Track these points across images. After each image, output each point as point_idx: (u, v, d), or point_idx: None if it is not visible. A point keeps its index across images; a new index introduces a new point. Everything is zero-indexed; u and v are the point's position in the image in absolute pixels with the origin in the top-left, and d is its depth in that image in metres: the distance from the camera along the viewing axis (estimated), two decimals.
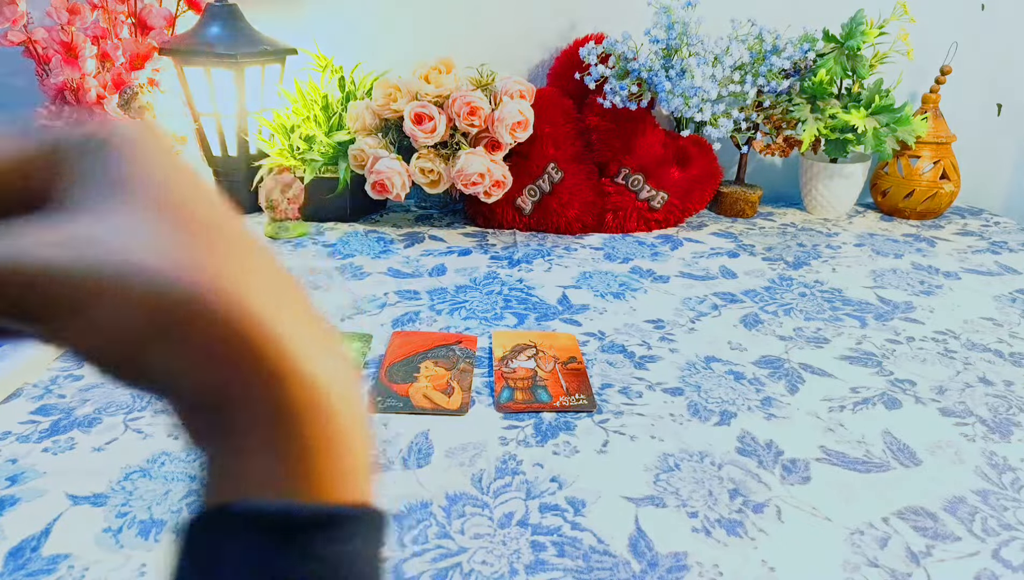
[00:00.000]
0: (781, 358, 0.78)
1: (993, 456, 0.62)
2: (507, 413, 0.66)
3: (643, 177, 1.17)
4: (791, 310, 0.90)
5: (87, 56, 1.05)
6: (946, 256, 1.12)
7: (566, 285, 0.95)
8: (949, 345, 0.82)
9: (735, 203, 1.28)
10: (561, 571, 0.48)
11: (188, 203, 0.19)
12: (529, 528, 0.52)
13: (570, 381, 0.71)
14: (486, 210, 1.15)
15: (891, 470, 0.60)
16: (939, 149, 1.26)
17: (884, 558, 0.50)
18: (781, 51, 1.13)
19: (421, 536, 0.51)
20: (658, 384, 0.71)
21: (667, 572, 0.48)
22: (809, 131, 1.13)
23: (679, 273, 1.01)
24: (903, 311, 0.91)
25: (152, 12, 1.11)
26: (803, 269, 1.04)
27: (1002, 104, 1.40)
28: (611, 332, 0.82)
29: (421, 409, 0.66)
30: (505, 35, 1.30)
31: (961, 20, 1.33)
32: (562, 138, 1.13)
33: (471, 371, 0.72)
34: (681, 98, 1.07)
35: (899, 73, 1.24)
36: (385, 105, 1.07)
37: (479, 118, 1.04)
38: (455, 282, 0.95)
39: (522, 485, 0.56)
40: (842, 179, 1.26)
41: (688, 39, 1.08)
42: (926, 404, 0.70)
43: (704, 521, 0.53)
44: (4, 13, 1.03)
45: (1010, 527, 0.53)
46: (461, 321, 0.84)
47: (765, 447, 0.62)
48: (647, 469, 0.59)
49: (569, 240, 1.13)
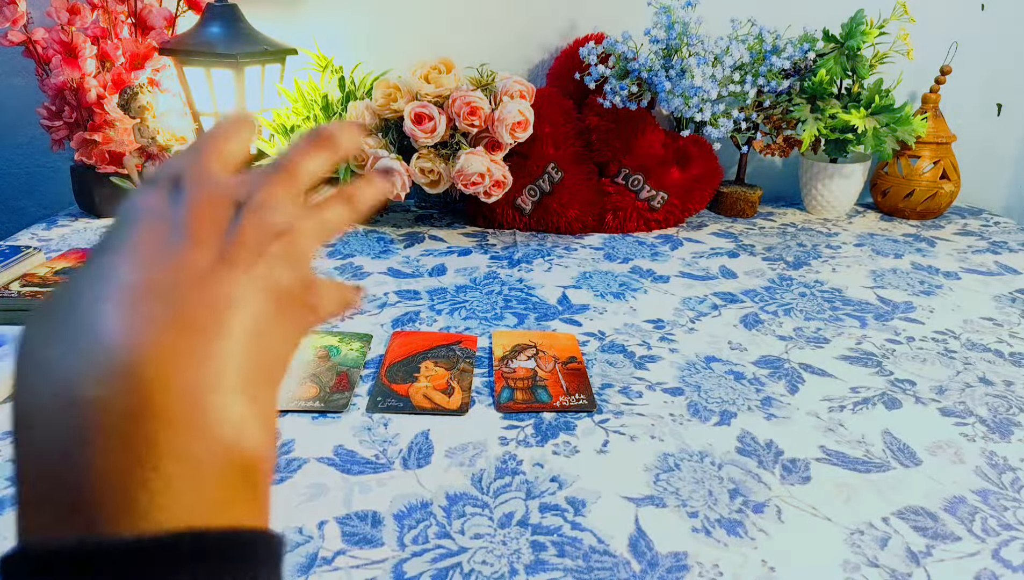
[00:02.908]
0: (781, 358, 0.78)
1: (993, 456, 0.62)
2: (507, 413, 0.66)
3: (643, 177, 1.17)
4: (791, 310, 0.90)
5: (87, 56, 1.05)
6: (946, 256, 1.12)
7: (566, 285, 0.95)
8: (949, 345, 0.82)
9: (735, 203, 1.28)
10: (561, 571, 0.48)
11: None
12: (529, 528, 0.52)
13: (570, 381, 0.71)
14: (486, 210, 1.15)
15: (891, 470, 0.60)
16: (939, 149, 1.26)
17: (884, 558, 0.50)
18: (781, 51, 1.13)
19: (421, 536, 0.51)
20: (658, 384, 0.72)
21: (667, 572, 0.48)
22: (809, 131, 1.13)
23: (679, 273, 1.01)
24: (903, 311, 0.91)
25: (152, 12, 1.11)
26: (803, 269, 1.04)
27: (1002, 104, 1.40)
28: (611, 332, 0.82)
29: (421, 409, 0.66)
30: (505, 35, 1.30)
31: (961, 20, 1.33)
32: (562, 138, 1.13)
33: (471, 371, 0.72)
34: (681, 98, 1.07)
35: (899, 73, 1.24)
36: (385, 105, 1.07)
37: (479, 118, 1.04)
38: (455, 282, 0.95)
39: (522, 485, 0.56)
40: (842, 179, 1.26)
41: (688, 39, 1.08)
42: (926, 404, 0.70)
43: (704, 521, 0.53)
44: (4, 13, 1.03)
45: (1010, 527, 0.53)
46: (461, 321, 0.84)
47: (765, 447, 0.62)
48: (647, 469, 0.59)
49: (569, 240, 1.13)
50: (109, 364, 0.20)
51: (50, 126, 1.09)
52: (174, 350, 0.20)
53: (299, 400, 0.66)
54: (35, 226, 1.11)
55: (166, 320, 0.21)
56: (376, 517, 0.52)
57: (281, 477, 0.56)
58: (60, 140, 1.10)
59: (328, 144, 0.28)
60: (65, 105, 1.07)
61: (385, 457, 0.59)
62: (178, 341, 0.21)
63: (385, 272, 0.98)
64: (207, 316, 0.22)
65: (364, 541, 0.50)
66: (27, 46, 1.07)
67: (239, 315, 0.22)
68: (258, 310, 0.23)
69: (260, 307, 0.23)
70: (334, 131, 0.28)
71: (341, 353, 0.74)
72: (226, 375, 0.21)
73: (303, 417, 0.64)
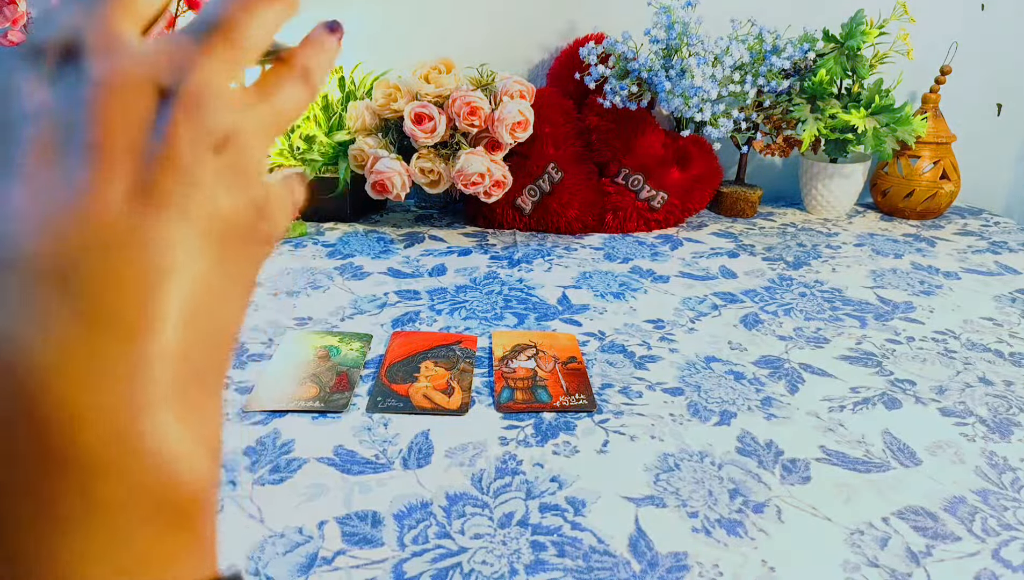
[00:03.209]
0: (781, 358, 0.78)
1: (993, 456, 0.62)
2: (507, 413, 0.66)
3: (643, 177, 1.17)
4: (791, 310, 0.90)
5: None
6: (946, 256, 1.12)
7: (566, 285, 0.95)
8: (949, 345, 0.82)
9: (735, 203, 1.28)
10: (561, 571, 0.48)
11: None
12: (529, 528, 0.52)
13: (570, 381, 0.71)
14: (486, 210, 1.15)
15: (891, 470, 0.60)
16: (939, 149, 1.26)
17: (884, 558, 0.50)
18: (781, 51, 1.13)
19: (421, 536, 0.51)
20: (658, 384, 0.72)
21: (667, 572, 0.48)
22: (809, 131, 1.13)
23: (679, 273, 1.01)
24: (903, 311, 0.91)
25: None
26: (803, 269, 1.04)
27: (1002, 104, 1.40)
28: (611, 332, 0.82)
29: (421, 409, 0.66)
30: (505, 35, 1.30)
31: (961, 20, 1.33)
32: (562, 138, 1.13)
33: (471, 371, 0.72)
34: (681, 98, 1.07)
35: (899, 73, 1.24)
36: (385, 105, 1.07)
37: (479, 118, 1.04)
38: (455, 282, 0.95)
39: (522, 485, 0.56)
40: (842, 179, 1.26)
41: (688, 39, 1.08)
42: (926, 404, 0.70)
43: (704, 521, 0.53)
44: (4, 13, 1.03)
45: (1010, 527, 0.53)
46: (461, 321, 0.84)
47: (765, 447, 0.62)
48: (647, 469, 0.59)
49: (569, 240, 1.13)
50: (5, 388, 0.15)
51: None
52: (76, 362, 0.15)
53: (299, 400, 0.66)
54: None
55: (63, 315, 0.15)
56: (376, 517, 0.52)
57: (281, 477, 0.56)
58: None
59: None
60: None
61: (385, 457, 0.59)
62: (82, 347, 0.15)
63: (385, 272, 0.98)
64: (125, 300, 0.15)
65: (364, 541, 0.50)
66: None
67: (172, 288, 0.16)
68: (198, 271, 0.17)
69: (201, 265, 0.17)
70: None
71: (341, 353, 0.74)
72: (154, 386, 0.16)
73: (303, 417, 0.64)
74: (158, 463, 0.16)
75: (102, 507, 0.15)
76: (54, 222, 0.15)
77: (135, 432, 0.15)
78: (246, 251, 0.18)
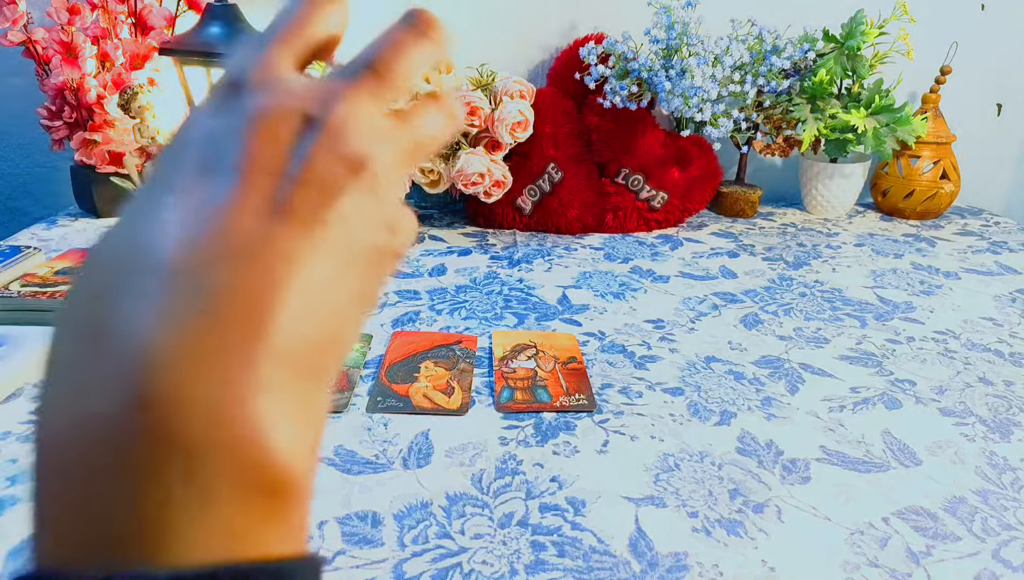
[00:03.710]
0: (781, 358, 0.78)
1: (993, 456, 0.62)
2: (507, 413, 0.66)
3: (643, 177, 1.17)
4: (791, 310, 0.90)
5: (87, 56, 1.05)
6: (946, 256, 1.12)
7: (566, 285, 0.95)
8: (949, 345, 0.82)
9: (735, 203, 1.28)
10: (561, 571, 0.48)
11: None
12: (529, 528, 0.52)
13: (570, 381, 0.71)
14: (486, 210, 1.15)
15: (891, 470, 0.60)
16: (939, 149, 1.26)
17: (884, 558, 0.50)
18: (781, 51, 1.13)
19: (421, 536, 0.51)
20: (658, 384, 0.72)
21: (667, 572, 0.48)
22: (809, 131, 1.13)
23: (679, 273, 1.01)
24: (903, 311, 0.91)
25: (152, 12, 1.11)
26: (803, 269, 1.04)
27: (1002, 104, 1.40)
28: (611, 332, 0.82)
29: (421, 409, 0.66)
30: (505, 35, 1.30)
31: (961, 20, 1.33)
32: (562, 138, 1.13)
33: (471, 371, 0.72)
34: (681, 98, 1.07)
35: (899, 73, 1.24)
36: None
37: (479, 118, 1.04)
38: (455, 282, 0.95)
39: (522, 485, 0.56)
40: (842, 179, 1.26)
41: (688, 39, 1.08)
42: (926, 404, 0.70)
43: (704, 521, 0.53)
44: (4, 13, 1.03)
45: (1010, 527, 0.53)
46: (461, 321, 0.84)
47: (765, 447, 0.62)
48: (647, 469, 0.59)
49: (569, 240, 1.13)
50: (124, 374, 0.16)
51: (50, 126, 1.09)
52: (190, 355, 0.16)
53: None
54: (35, 226, 1.11)
55: (185, 314, 0.17)
56: (376, 517, 0.52)
57: None
58: (60, 140, 1.10)
59: (432, 33, 0.22)
60: (65, 105, 1.07)
61: (385, 457, 0.59)
62: (197, 343, 0.16)
63: None
64: (245, 304, 0.17)
65: (364, 541, 0.50)
66: (27, 46, 1.07)
67: (291, 297, 0.18)
68: (319, 283, 0.18)
69: (323, 278, 0.18)
70: (436, 19, 0.22)
71: None
72: (261, 381, 0.17)
73: None
74: (259, 449, 0.17)
75: (202, 488, 0.16)
76: (193, 234, 0.17)
77: (239, 418, 0.17)
78: (372, 267, 0.20)
